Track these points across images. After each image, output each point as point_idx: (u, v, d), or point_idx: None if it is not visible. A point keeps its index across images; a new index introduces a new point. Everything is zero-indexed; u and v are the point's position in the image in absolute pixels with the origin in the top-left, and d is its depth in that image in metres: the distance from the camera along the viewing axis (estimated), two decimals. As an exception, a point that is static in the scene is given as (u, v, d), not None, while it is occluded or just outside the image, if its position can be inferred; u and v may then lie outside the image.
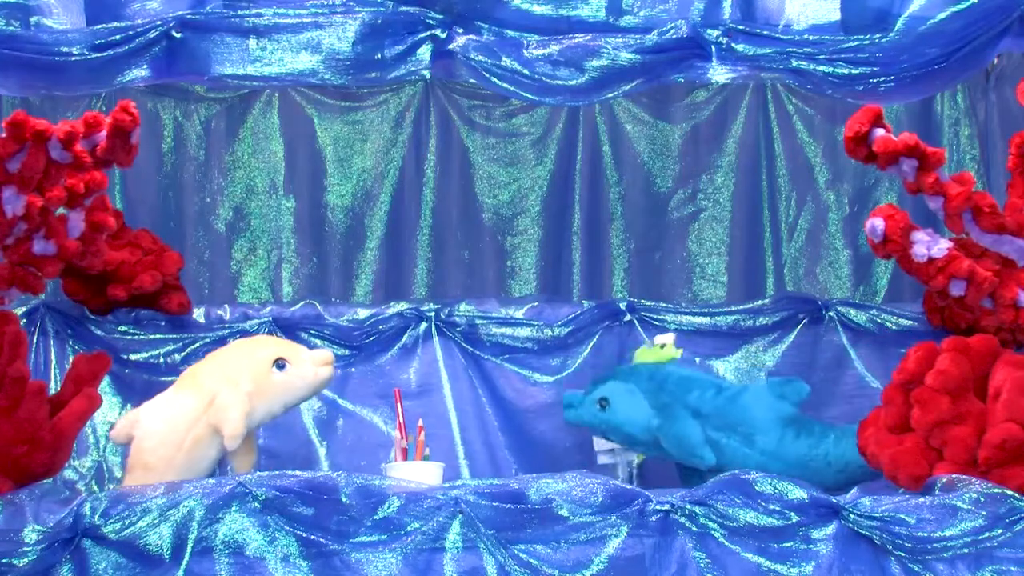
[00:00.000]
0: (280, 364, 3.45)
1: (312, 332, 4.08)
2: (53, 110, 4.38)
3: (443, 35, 3.94)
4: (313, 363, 3.48)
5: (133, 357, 4.03)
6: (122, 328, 4.06)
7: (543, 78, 3.92)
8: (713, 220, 4.61)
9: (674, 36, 3.92)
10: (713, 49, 3.92)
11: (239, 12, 3.92)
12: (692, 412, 3.59)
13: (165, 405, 3.47)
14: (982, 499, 3.06)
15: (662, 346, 3.78)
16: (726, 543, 3.09)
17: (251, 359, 3.47)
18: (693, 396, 3.61)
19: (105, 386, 3.87)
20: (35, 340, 4.00)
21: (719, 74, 3.98)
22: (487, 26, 3.98)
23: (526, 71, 3.91)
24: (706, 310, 4.18)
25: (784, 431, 3.55)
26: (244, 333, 4.07)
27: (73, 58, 3.86)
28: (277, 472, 3.20)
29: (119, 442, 3.51)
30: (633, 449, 3.74)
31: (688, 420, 3.58)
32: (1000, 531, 3.05)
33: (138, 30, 3.89)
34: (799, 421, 3.57)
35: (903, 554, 3.06)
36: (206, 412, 3.41)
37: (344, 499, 3.07)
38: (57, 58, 3.85)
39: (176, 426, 3.41)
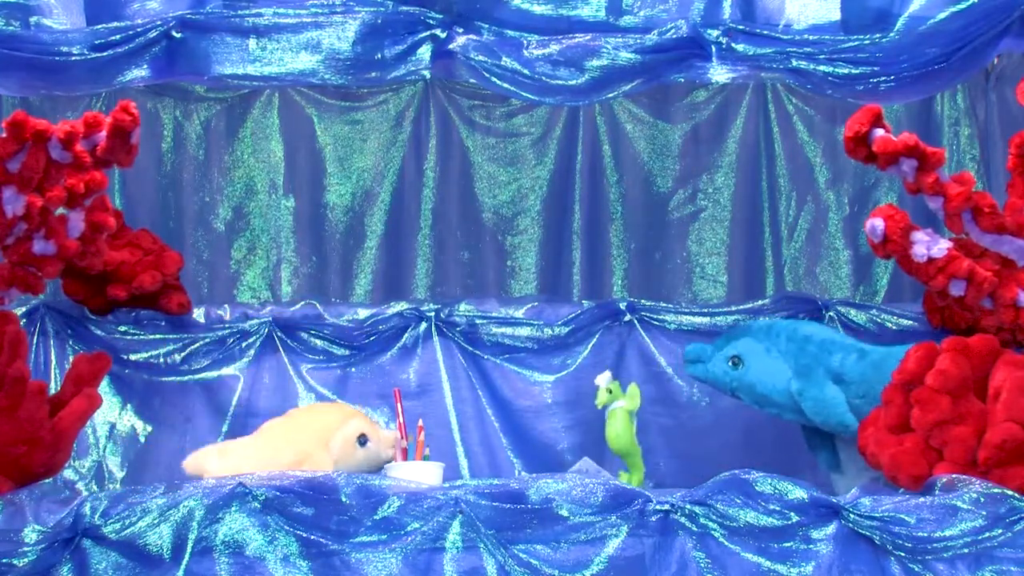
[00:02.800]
0: (363, 440, 3.49)
1: (312, 332, 4.09)
2: (53, 110, 4.38)
3: (443, 35, 3.94)
4: (386, 444, 3.52)
5: (133, 357, 4.03)
6: (122, 328, 4.06)
7: (543, 78, 3.92)
8: (713, 220, 4.61)
9: (674, 36, 3.92)
10: (713, 49, 3.92)
11: (239, 12, 3.92)
12: (834, 376, 3.53)
13: (255, 451, 3.44)
14: (982, 499, 3.06)
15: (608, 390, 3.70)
16: (726, 543, 3.09)
17: (343, 429, 3.49)
18: (836, 360, 3.54)
19: (105, 386, 3.87)
20: (35, 340, 4.00)
21: (719, 74, 3.98)
22: (487, 26, 3.97)
23: (526, 71, 3.91)
24: (706, 310, 4.18)
25: None
26: (244, 333, 4.07)
27: (73, 58, 3.86)
28: (277, 472, 3.20)
29: (189, 473, 3.46)
30: (764, 410, 3.64)
31: (830, 385, 3.51)
32: (1000, 531, 3.05)
33: (138, 30, 3.89)
34: None
35: (903, 554, 3.06)
36: (294, 468, 3.37)
37: (344, 499, 3.07)
38: (57, 58, 3.85)
39: None
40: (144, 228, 4.23)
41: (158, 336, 4.06)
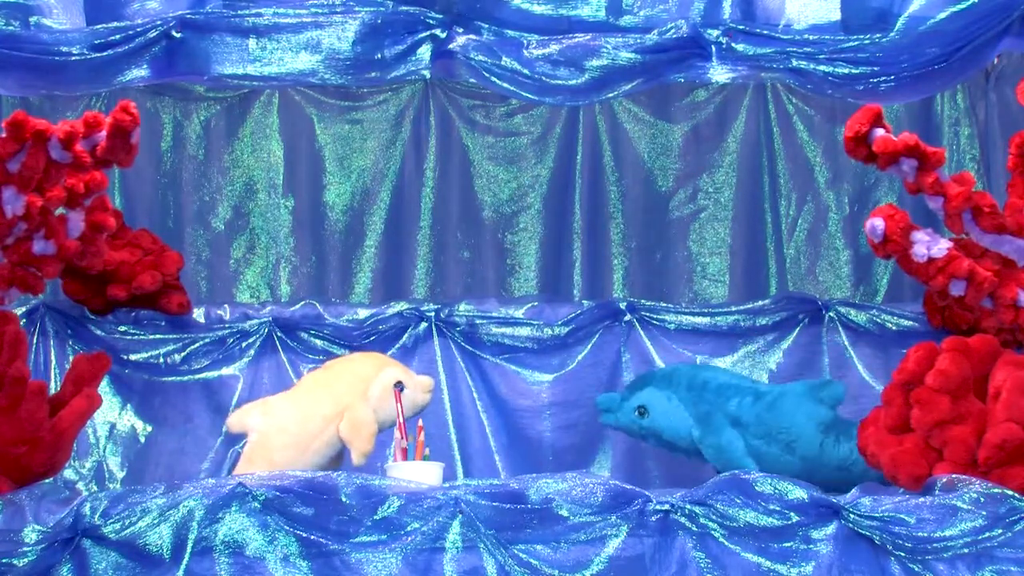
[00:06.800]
0: (400, 387, 3.55)
1: (312, 332, 4.09)
2: (53, 110, 4.38)
3: (443, 35, 3.94)
4: (421, 388, 3.59)
5: (133, 357, 4.03)
6: (122, 328, 4.06)
7: (543, 78, 3.92)
8: (714, 219, 4.61)
9: (674, 36, 3.92)
10: (713, 49, 3.92)
11: (239, 12, 3.92)
12: (732, 421, 3.58)
13: (296, 405, 3.53)
14: (982, 499, 3.06)
15: None
16: (726, 543, 3.09)
17: (379, 376, 3.56)
18: (732, 404, 3.60)
19: (105, 386, 3.87)
20: (35, 340, 4.00)
21: (719, 74, 3.99)
22: (487, 26, 3.98)
23: (526, 71, 3.91)
24: (706, 310, 4.18)
25: (824, 437, 3.53)
26: (244, 333, 4.07)
27: (73, 58, 3.86)
28: (277, 472, 3.20)
29: (234, 431, 3.59)
30: (674, 454, 3.74)
31: (728, 430, 3.57)
32: (1000, 531, 3.05)
33: (138, 30, 3.89)
34: (838, 425, 3.55)
35: (903, 554, 3.06)
36: (335, 420, 3.48)
37: (344, 499, 3.07)
38: (57, 58, 3.85)
39: (308, 428, 3.48)
40: (144, 228, 4.23)
41: (158, 336, 4.06)
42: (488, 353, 4.12)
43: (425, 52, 3.95)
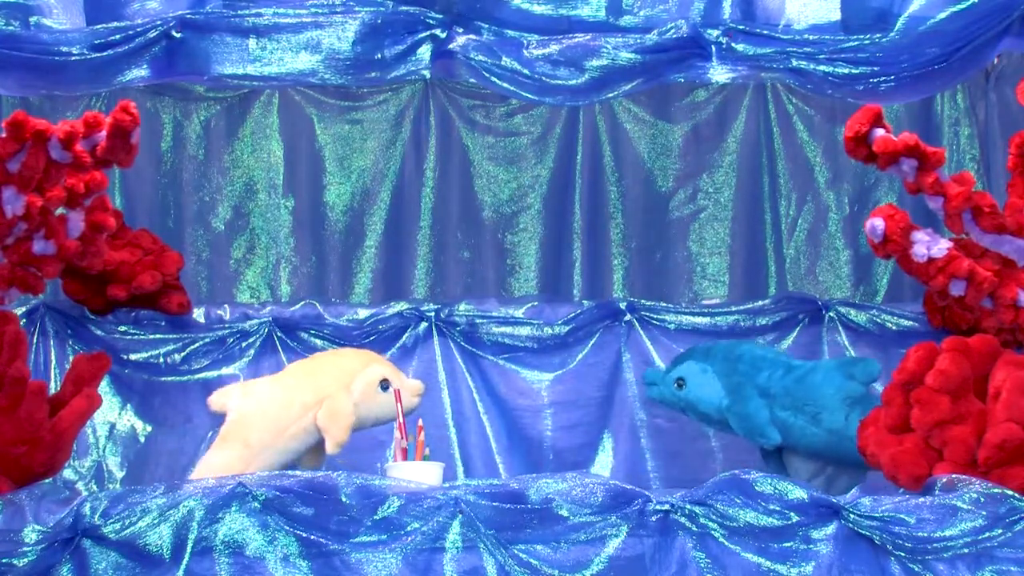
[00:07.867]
0: (385, 385, 3.55)
1: (312, 332, 4.09)
2: (53, 110, 4.38)
3: (443, 35, 3.94)
4: (410, 391, 3.59)
5: (133, 357, 4.04)
6: (122, 328, 4.06)
7: (543, 78, 3.92)
8: (713, 219, 4.61)
9: (674, 36, 3.92)
10: (713, 49, 3.92)
11: (239, 12, 3.92)
12: (761, 392, 3.63)
13: (278, 389, 3.55)
14: (982, 499, 3.06)
15: None
16: (726, 543, 3.09)
17: (365, 371, 3.56)
18: (763, 376, 3.64)
19: (105, 386, 3.87)
20: (35, 340, 4.00)
21: (719, 74, 3.99)
22: (487, 26, 3.98)
23: (526, 71, 3.91)
24: (706, 310, 4.18)
25: (851, 410, 3.54)
26: (244, 333, 4.07)
27: (73, 58, 3.86)
28: (277, 472, 3.20)
29: (214, 410, 3.60)
30: (709, 427, 3.81)
31: (755, 400, 3.62)
32: (1000, 531, 3.05)
33: (138, 30, 3.89)
34: (867, 400, 3.55)
35: (903, 554, 3.06)
36: (315, 408, 3.49)
37: (344, 499, 3.07)
38: (57, 58, 3.85)
39: (287, 412, 3.50)
40: (144, 228, 4.23)
41: (158, 336, 4.06)
42: (488, 353, 4.12)
43: (425, 52, 3.95)
